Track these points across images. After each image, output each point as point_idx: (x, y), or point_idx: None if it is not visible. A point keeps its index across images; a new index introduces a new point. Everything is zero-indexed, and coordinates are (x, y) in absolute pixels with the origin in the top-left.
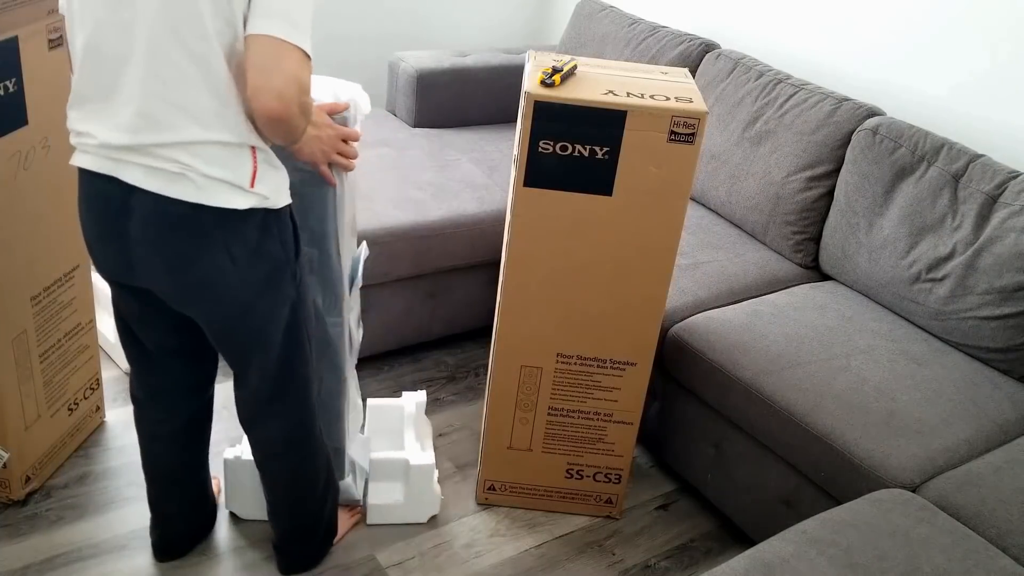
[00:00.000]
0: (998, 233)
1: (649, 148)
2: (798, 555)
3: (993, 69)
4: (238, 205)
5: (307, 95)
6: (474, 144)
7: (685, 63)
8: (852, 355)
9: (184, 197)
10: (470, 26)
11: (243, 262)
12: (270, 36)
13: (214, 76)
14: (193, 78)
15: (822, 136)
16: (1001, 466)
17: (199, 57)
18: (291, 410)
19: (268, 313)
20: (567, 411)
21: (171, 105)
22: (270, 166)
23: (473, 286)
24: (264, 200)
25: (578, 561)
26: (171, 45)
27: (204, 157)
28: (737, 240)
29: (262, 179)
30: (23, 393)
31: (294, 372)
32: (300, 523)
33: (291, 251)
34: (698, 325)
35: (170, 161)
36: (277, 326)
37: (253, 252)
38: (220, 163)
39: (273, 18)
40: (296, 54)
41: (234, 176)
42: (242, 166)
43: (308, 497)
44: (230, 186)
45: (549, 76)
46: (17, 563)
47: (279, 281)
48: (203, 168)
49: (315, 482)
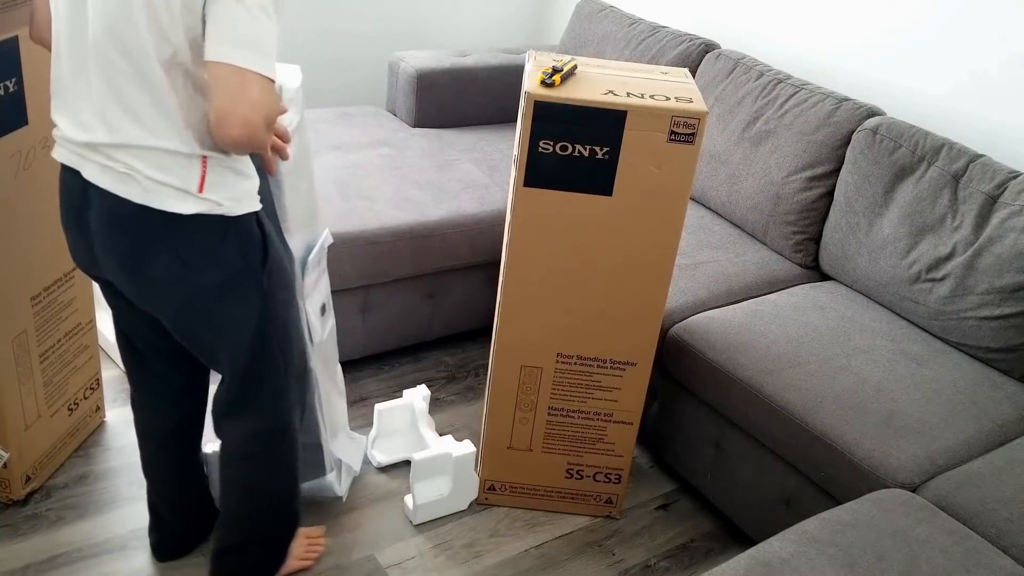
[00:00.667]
0: (998, 233)
1: (649, 148)
2: (798, 555)
3: (993, 69)
4: (183, 210)
5: (273, 117)
6: (474, 144)
7: (685, 63)
8: (852, 355)
9: (131, 197)
10: (470, 26)
11: (194, 266)
12: (231, 65)
13: (158, 91)
14: (138, 88)
15: (822, 136)
16: (1001, 466)
17: (142, 71)
18: (255, 419)
19: (228, 319)
20: (567, 411)
21: (120, 108)
22: (229, 172)
23: (473, 286)
24: (216, 207)
25: (578, 561)
26: (117, 55)
27: (148, 161)
28: (737, 240)
29: (214, 186)
30: (23, 393)
31: (260, 382)
32: (242, 538)
33: (253, 260)
34: (698, 325)
35: (117, 161)
36: (241, 334)
37: (206, 257)
38: (165, 168)
39: (234, 45)
40: (260, 82)
41: (180, 181)
42: (189, 172)
43: (257, 513)
44: (175, 190)
45: (549, 76)
46: (17, 563)
47: (238, 289)
48: (147, 171)
49: (268, 501)
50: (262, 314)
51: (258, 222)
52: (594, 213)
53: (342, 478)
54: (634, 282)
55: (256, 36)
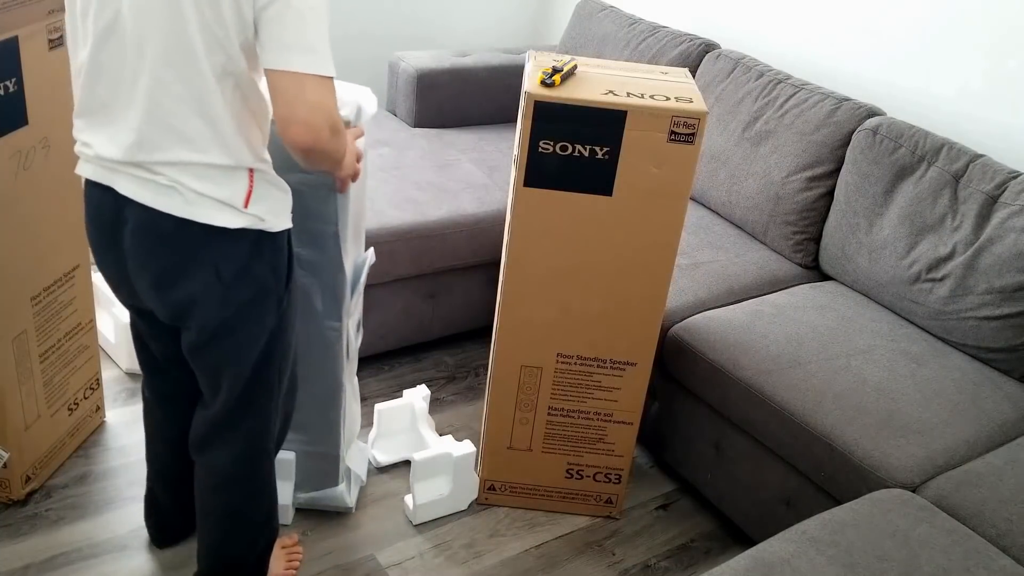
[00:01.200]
0: (998, 233)
1: (649, 148)
2: (798, 555)
3: (993, 69)
4: (228, 224)
5: (335, 118)
6: (474, 144)
7: (685, 63)
8: (852, 355)
9: (173, 211)
10: (470, 26)
11: (229, 281)
12: (287, 71)
13: (209, 106)
14: (188, 107)
15: (822, 136)
16: (1001, 466)
17: (194, 88)
18: (242, 441)
19: (246, 337)
20: (567, 411)
21: (165, 128)
22: (272, 187)
23: (473, 286)
24: (259, 222)
25: (578, 561)
26: (170, 75)
27: (194, 173)
28: (737, 240)
29: (259, 200)
30: (23, 393)
31: (254, 403)
32: (223, 564)
33: (281, 278)
34: (698, 325)
35: (160, 175)
36: (252, 352)
37: (241, 273)
38: (211, 180)
39: (289, 51)
40: (316, 81)
41: (226, 195)
42: (236, 185)
43: (237, 539)
44: (221, 204)
45: (549, 76)
46: (17, 563)
47: (262, 306)
48: (193, 184)
49: (248, 525)
50: (273, 332)
51: (288, 240)
52: (594, 213)
53: (351, 489)
54: (634, 282)
55: (308, 36)
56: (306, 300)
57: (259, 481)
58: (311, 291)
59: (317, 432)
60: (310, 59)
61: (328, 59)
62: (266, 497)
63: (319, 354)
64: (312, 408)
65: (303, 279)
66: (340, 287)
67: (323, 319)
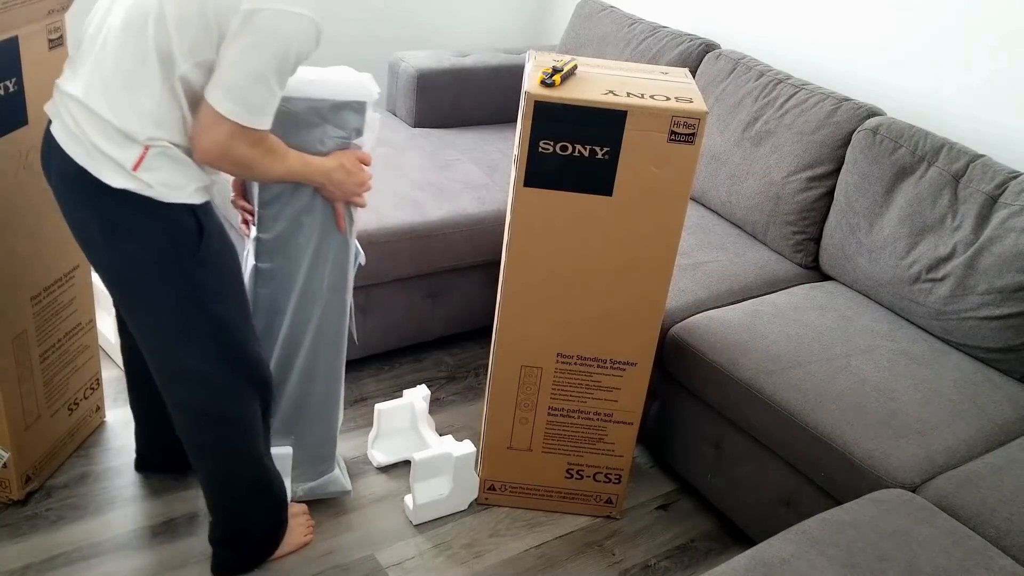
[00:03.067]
0: (998, 233)
1: (649, 148)
2: (798, 555)
3: (994, 69)
4: (113, 183)
5: (236, 158)
6: (474, 144)
7: (685, 63)
8: (852, 355)
9: (76, 158)
10: (470, 26)
11: (122, 236)
12: (212, 107)
13: (149, 85)
14: (131, 74)
15: (822, 136)
16: (1001, 466)
17: (153, 62)
18: (188, 409)
19: (156, 297)
20: (567, 411)
21: (102, 76)
22: (173, 162)
23: (473, 286)
24: (146, 188)
25: (578, 561)
26: (129, 33)
27: (97, 128)
28: (737, 240)
29: (150, 169)
30: (23, 393)
31: (185, 375)
32: (226, 532)
33: (184, 249)
34: (698, 325)
35: (70, 117)
36: (170, 316)
37: (133, 231)
38: (108, 139)
39: (223, 91)
40: (230, 128)
41: (119, 155)
42: (129, 151)
43: (232, 505)
44: (113, 163)
45: (549, 76)
46: (17, 563)
47: (164, 270)
48: (93, 137)
49: (239, 491)
50: (189, 300)
51: (196, 215)
52: (594, 213)
53: (343, 471)
54: (634, 282)
55: (242, 88)
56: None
57: (234, 447)
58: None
59: (318, 431)
60: (236, 108)
61: (258, 115)
62: (251, 466)
63: (326, 342)
64: (314, 395)
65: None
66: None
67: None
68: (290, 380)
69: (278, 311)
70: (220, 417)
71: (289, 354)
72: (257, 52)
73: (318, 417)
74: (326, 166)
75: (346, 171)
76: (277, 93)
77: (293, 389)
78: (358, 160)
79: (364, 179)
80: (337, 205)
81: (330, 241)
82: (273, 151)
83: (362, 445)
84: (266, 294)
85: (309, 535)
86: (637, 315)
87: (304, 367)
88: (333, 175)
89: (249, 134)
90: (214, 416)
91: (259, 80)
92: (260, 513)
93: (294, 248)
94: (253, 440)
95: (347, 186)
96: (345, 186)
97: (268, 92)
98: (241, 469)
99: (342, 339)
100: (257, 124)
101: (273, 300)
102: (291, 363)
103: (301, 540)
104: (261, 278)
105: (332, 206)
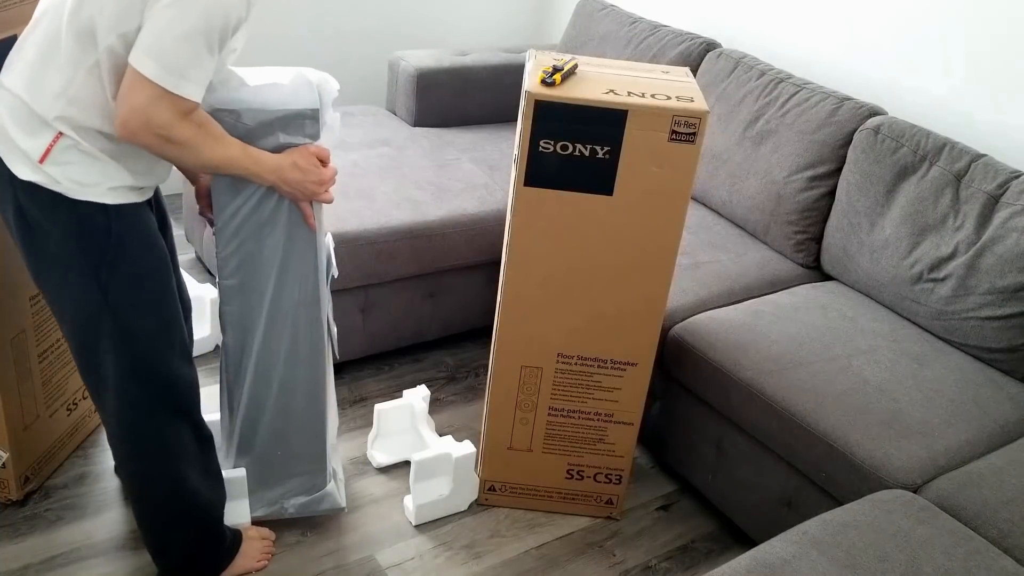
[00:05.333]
0: (1000, 233)
1: (650, 148)
2: (799, 556)
3: (995, 68)
4: (20, 174)
5: (159, 127)
6: (474, 144)
7: (686, 62)
8: (853, 355)
9: None
10: (470, 25)
11: (32, 227)
12: (135, 69)
13: (60, 60)
14: (45, 50)
15: (823, 135)
16: (1003, 467)
17: (69, 39)
18: (107, 415)
19: (63, 291)
20: (567, 411)
21: (19, 50)
22: (86, 156)
23: (473, 286)
24: (53, 183)
25: (578, 562)
26: (49, 19)
27: (13, 114)
28: (738, 240)
29: (58, 163)
30: (22, 393)
31: (94, 374)
32: (151, 538)
33: (90, 249)
34: (699, 325)
35: (2, 106)
36: (74, 313)
37: (40, 223)
38: (20, 126)
39: (143, 50)
40: (151, 90)
41: (28, 145)
42: (38, 140)
43: (151, 511)
44: (22, 153)
45: (550, 75)
46: (16, 563)
47: (69, 267)
48: (9, 126)
49: (143, 503)
50: (96, 306)
51: (108, 216)
52: (595, 213)
53: (340, 488)
54: (635, 282)
55: (171, 50)
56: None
57: (145, 464)
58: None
59: (303, 439)
60: (158, 71)
61: (183, 79)
62: (159, 485)
63: (301, 357)
64: (295, 410)
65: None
66: (320, 289)
67: (299, 311)
68: (270, 396)
69: (248, 328)
70: (133, 432)
71: (266, 371)
72: (182, 13)
73: (303, 432)
74: (277, 163)
75: (300, 169)
76: (205, 60)
77: (274, 405)
78: (314, 156)
79: (324, 177)
80: (303, 205)
81: (297, 255)
82: (206, 128)
83: (362, 445)
84: (233, 311)
85: (263, 561)
86: (638, 315)
87: (282, 383)
88: (286, 174)
89: (175, 101)
90: (127, 429)
91: (184, 40)
92: (180, 531)
93: (259, 263)
94: (170, 458)
95: (305, 185)
96: (303, 185)
97: (194, 55)
98: (156, 487)
99: (319, 353)
100: (183, 91)
101: (241, 317)
102: (269, 379)
103: (251, 564)
104: (226, 295)
105: (298, 213)
